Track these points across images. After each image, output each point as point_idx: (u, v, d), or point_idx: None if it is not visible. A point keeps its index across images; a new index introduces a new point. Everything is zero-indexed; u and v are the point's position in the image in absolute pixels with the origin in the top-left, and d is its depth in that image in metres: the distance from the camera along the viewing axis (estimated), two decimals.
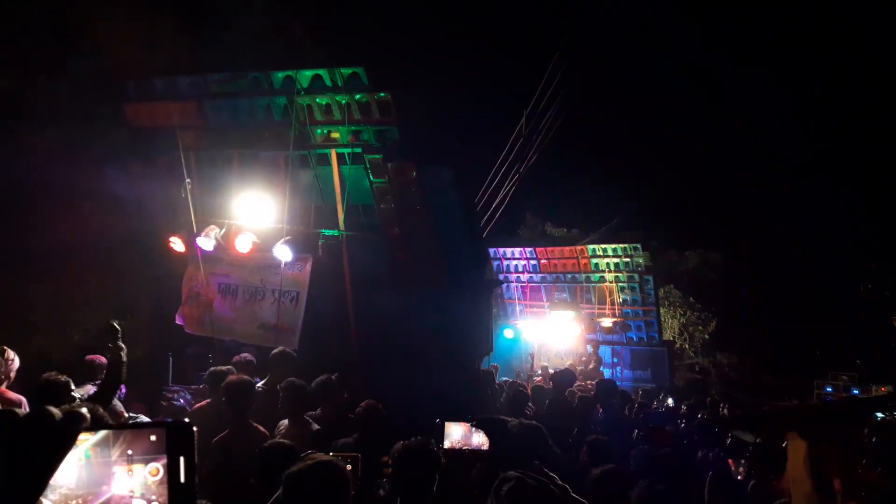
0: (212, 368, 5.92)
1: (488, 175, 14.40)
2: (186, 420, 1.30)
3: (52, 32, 9.46)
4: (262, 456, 3.51)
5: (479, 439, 3.24)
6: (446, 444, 3.35)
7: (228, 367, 5.94)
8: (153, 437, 1.23)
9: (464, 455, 3.32)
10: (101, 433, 1.22)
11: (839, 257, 26.75)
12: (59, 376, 4.40)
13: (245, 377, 5.33)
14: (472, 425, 3.35)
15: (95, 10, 9.07)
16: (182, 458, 1.24)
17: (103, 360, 5.42)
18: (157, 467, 1.23)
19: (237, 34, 8.74)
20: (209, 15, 9.26)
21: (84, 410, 1.17)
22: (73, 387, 4.43)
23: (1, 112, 9.05)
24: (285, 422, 5.19)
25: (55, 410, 1.14)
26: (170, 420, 1.43)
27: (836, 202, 28.61)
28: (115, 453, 1.21)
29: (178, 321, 8.39)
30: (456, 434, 3.36)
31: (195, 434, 1.26)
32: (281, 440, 3.91)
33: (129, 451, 1.22)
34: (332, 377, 5.64)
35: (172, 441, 1.23)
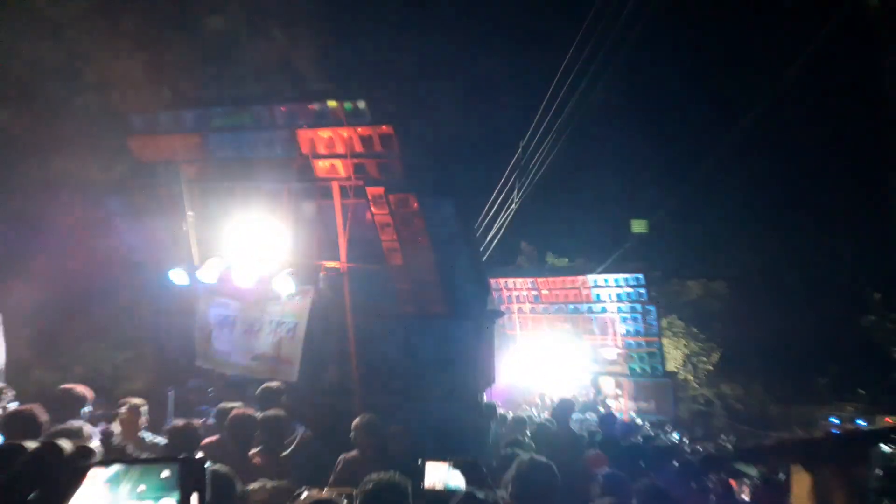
0: (220, 405, 5.86)
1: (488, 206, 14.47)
2: (200, 455, 1.28)
3: (57, 65, 9.57)
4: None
5: (457, 480, 3.21)
6: (427, 484, 3.31)
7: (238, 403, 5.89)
8: (165, 473, 1.21)
9: (442, 495, 3.28)
10: (113, 468, 1.20)
11: (844, 287, 26.68)
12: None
13: (249, 412, 5.30)
14: (450, 465, 3.33)
15: (100, 44, 9.19)
16: (195, 495, 1.21)
17: (82, 389, 5.36)
18: None
19: (240, 68, 8.85)
20: (213, 49, 9.38)
21: (95, 445, 1.16)
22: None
23: (4, 144, 9.12)
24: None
25: (66, 445, 1.13)
26: (183, 456, 1.41)
27: (841, 231, 28.61)
28: (125, 490, 1.20)
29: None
30: (435, 474, 3.33)
31: (207, 470, 1.24)
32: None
33: (140, 488, 1.20)
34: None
35: (185, 477, 1.21)
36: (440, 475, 3.18)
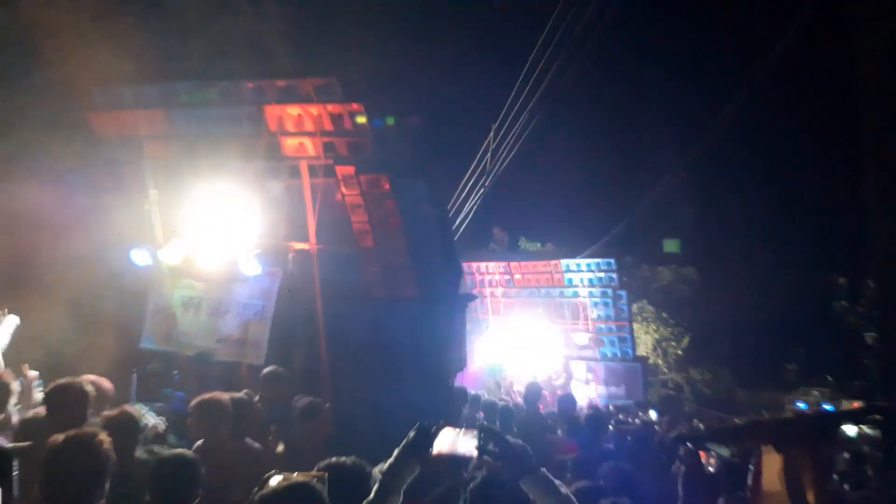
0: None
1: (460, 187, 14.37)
2: (4, 445, 1.13)
3: (15, 40, 9.24)
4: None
5: (468, 446, 3.06)
6: (434, 451, 3.17)
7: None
8: None
9: (450, 459, 3.13)
10: None
11: (811, 274, 27.15)
12: None
13: (219, 396, 5.14)
14: (461, 431, 3.16)
15: (60, 17, 8.87)
16: None
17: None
18: None
19: (207, 43, 8.61)
20: (178, 23, 9.11)
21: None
22: None
23: None
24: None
25: None
26: None
27: (810, 219, 29.07)
28: None
29: (145, 344, 8.07)
30: (445, 440, 3.18)
31: (12, 461, 1.09)
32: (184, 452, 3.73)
33: None
34: (318, 399, 5.46)
35: None
36: (449, 441, 2.99)
